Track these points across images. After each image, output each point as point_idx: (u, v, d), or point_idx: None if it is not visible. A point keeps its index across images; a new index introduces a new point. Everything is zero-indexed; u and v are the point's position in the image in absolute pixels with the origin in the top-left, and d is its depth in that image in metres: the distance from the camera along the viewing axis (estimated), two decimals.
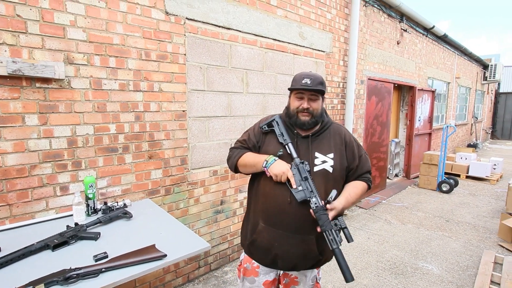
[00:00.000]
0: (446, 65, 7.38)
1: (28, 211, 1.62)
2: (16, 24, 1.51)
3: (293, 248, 1.28)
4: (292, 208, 1.24)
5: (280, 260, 1.30)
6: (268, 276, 1.39)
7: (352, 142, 1.36)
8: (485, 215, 4.13)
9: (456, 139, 9.10)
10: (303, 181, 1.21)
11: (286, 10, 2.92)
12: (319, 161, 1.28)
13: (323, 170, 1.27)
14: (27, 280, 1.01)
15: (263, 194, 1.32)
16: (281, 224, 1.27)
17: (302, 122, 1.28)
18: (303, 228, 1.26)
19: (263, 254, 1.34)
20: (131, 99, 1.95)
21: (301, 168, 1.22)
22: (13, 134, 1.55)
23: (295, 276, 1.39)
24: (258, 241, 1.33)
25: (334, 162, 1.29)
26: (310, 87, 1.23)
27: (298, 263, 1.30)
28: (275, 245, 1.29)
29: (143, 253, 1.21)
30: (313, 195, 1.19)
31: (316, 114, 1.28)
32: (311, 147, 1.29)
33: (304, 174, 1.21)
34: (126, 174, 1.98)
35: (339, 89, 3.81)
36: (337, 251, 1.13)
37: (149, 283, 2.16)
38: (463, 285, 2.50)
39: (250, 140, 1.40)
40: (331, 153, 1.30)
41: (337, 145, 1.32)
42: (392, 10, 4.66)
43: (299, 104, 1.28)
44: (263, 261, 1.36)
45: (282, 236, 1.28)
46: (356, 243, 3.21)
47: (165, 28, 2.07)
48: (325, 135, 1.34)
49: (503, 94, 14.11)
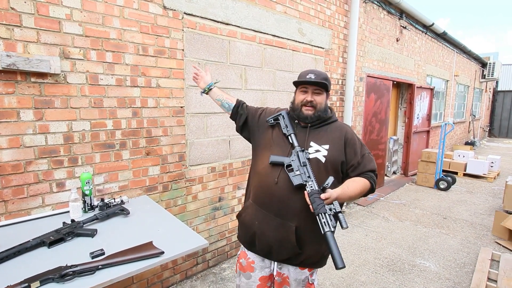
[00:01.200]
0: (445, 63, 7.37)
1: (24, 207, 1.60)
2: (10, 17, 1.48)
3: (270, 230, 1.30)
4: (278, 189, 1.28)
5: (257, 240, 1.35)
6: (264, 271, 1.41)
7: (355, 140, 1.36)
8: (482, 212, 4.15)
9: (454, 137, 9.13)
10: (301, 166, 1.25)
11: (286, 6, 2.89)
12: (312, 150, 1.31)
13: (314, 159, 1.30)
14: (23, 277, 1.00)
15: (256, 172, 1.41)
16: (265, 204, 1.32)
17: (305, 116, 1.33)
18: (285, 213, 1.28)
19: (245, 230, 1.41)
20: (128, 95, 1.93)
21: (301, 155, 1.27)
22: (8, 130, 1.52)
23: (287, 276, 1.39)
24: (243, 216, 1.42)
25: (328, 153, 1.30)
26: (314, 80, 1.29)
27: (273, 247, 1.31)
28: (255, 224, 1.34)
29: (140, 250, 1.20)
30: (309, 180, 1.21)
31: (319, 108, 1.33)
32: (308, 136, 1.34)
33: (302, 160, 1.26)
34: (123, 170, 1.96)
35: (338, 86, 3.79)
36: (329, 234, 1.09)
37: (147, 280, 2.16)
38: (460, 282, 2.52)
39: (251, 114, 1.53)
40: (326, 145, 1.32)
41: (335, 139, 1.34)
42: (391, 7, 4.64)
43: (303, 98, 1.33)
44: (243, 238, 1.43)
45: (263, 216, 1.32)
46: (354, 240, 3.21)
47: (162, 22, 2.04)
48: (325, 128, 1.37)
49: (501, 92, 14.16)
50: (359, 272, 2.63)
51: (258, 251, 1.38)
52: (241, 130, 1.57)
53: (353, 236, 3.32)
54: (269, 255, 1.36)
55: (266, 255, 1.37)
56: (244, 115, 1.53)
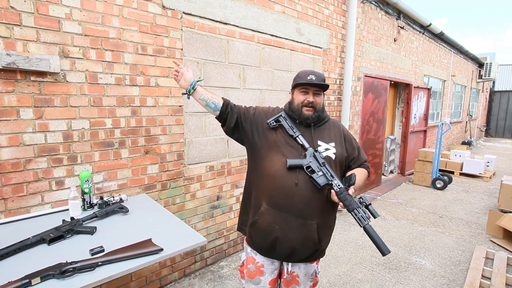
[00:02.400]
0: (442, 63, 7.42)
1: (23, 205, 1.62)
2: (10, 16, 1.48)
3: (293, 232, 1.29)
4: (299, 190, 1.27)
5: (279, 244, 1.31)
6: (273, 274, 1.40)
7: (350, 135, 1.46)
8: (477, 211, 4.19)
9: (451, 137, 9.19)
10: (321, 166, 1.27)
11: (284, 6, 2.91)
12: (322, 148, 1.34)
13: (327, 157, 1.33)
14: (23, 273, 1.01)
15: (268, 175, 1.32)
16: (285, 206, 1.29)
17: (306, 117, 1.35)
18: (307, 213, 1.29)
19: (263, 237, 1.33)
20: (128, 94, 1.94)
21: (317, 156, 1.29)
22: (7, 128, 1.53)
23: (297, 274, 1.39)
24: (259, 222, 1.33)
25: (336, 150, 1.36)
26: (316, 82, 1.31)
27: (296, 248, 1.31)
28: (276, 228, 1.30)
29: (139, 247, 1.21)
30: (333, 179, 1.24)
31: (319, 108, 1.36)
32: (314, 136, 1.36)
33: (321, 160, 1.28)
34: (122, 169, 1.98)
35: (335, 86, 3.82)
36: (368, 227, 1.18)
37: (145, 278, 2.17)
38: (455, 279, 2.55)
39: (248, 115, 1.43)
40: (332, 142, 1.38)
41: (337, 136, 1.41)
42: (389, 7, 4.66)
43: (304, 98, 1.34)
44: (261, 245, 1.36)
45: (284, 219, 1.29)
46: (351, 239, 3.24)
47: (161, 22, 2.05)
48: (326, 126, 1.42)
49: (497, 93, 14.24)
50: (356, 270, 2.66)
51: (277, 255, 1.35)
52: (232, 132, 1.45)
53: (350, 234, 3.35)
54: (290, 258, 1.34)
55: (286, 258, 1.36)
56: (235, 115, 1.42)
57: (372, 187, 5.05)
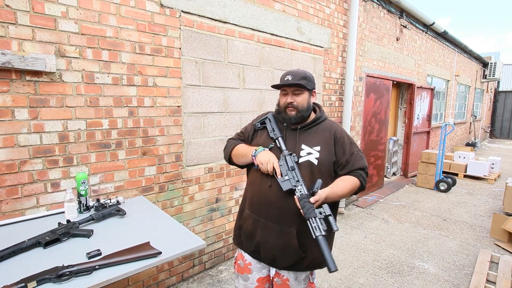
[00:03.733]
0: (446, 63, 7.35)
1: (18, 208, 1.59)
2: (5, 15, 1.46)
3: (272, 238, 1.29)
4: (273, 196, 1.28)
5: (262, 249, 1.34)
6: (261, 273, 1.41)
7: (344, 139, 1.35)
8: (482, 214, 4.13)
9: (455, 138, 9.10)
10: (289, 170, 1.24)
11: (284, 4, 2.87)
12: (304, 152, 1.31)
13: (307, 162, 1.29)
14: (19, 277, 0.99)
15: (250, 181, 1.42)
16: (263, 212, 1.32)
17: (289, 117, 1.33)
18: (283, 219, 1.27)
19: (248, 240, 1.38)
20: (125, 94, 1.91)
21: (289, 159, 1.26)
22: (2, 129, 1.50)
23: (287, 278, 1.37)
24: (244, 226, 1.40)
25: (320, 155, 1.30)
26: (291, 82, 1.29)
27: (277, 255, 1.30)
28: (257, 232, 1.33)
29: (137, 250, 1.19)
30: (299, 184, 1.21)
31: (301, 108, 1.32)
32: (299, 139, 1.34)
33: (291, 164, 1.25)
34: (119, 170, 1.94)
35: (337, 86, 3.77)
36: (320, 238, 1.09)
37: (143, 282, 2.14)
38: (459, 284, 2.50)
39: (246, 132, 1.50)
40: (317, 146, 1.32)
41: (325, 140, 1.33)
42: (391, 6, 4.61)
43: (284, 100, 1.34)
44: (248, 248, 1.39)
45: (263, 224, 1.32)
46: (353, 242, 3.19)
47: (160, 21, 2.02)
48: (315, 129, 1.36)
49: (502, 93, 14.11)
50: (358, 274, 2.61)
51: (262, 259, 1.37)
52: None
53: (352, 238, 3.30)
54: (274, 263, 1.34)
55: (270, 263, 1.36)
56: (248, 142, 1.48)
57: (374, 189, 5.00)
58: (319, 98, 3.51)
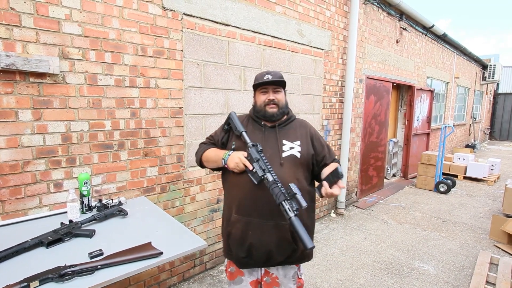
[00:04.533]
0: (445, 65, 7.37)
1: (21, 208, 1.60)
2: (10, 17, 1.48)
3: (266, 235, 1.30)
4: (262, 193, 1.27)
5: (255, 250, 1.32)
6: (252, 275, 1.44)
7: (317, 134, 1.47)
8: (482, 216, 4.14)
9: (454, 140, 9.12)
10: (255, 162, 1.25)
11: (285, 7, 2.90)
12: (287, 147, 1.35)
13: (291, 156, 1.34)
14: (22, 277, 1.00)
15: (232, 184, 1.40)
16: (254, 211, 1.31)
17: (271, 114, 1.36)
18: (276, 213, 1.27)
19: (238, 245, 1.36)
20: (127, 95, 1.93)
21: (252, 151, 1.28)
22: (6, 130, 1.52)
23: (276, 276, 1.39)
24: (233, 232, 1.37)
25: (301, 148, 1.36)
26: (272, 80, 1.34)
27: (273, 250, 1.31)
28: (249, 234, 1.32)
29: (139, 250, 1.20)
30: (266, 172, 1.22)
31: (281, 105, 1.38)
32: (279, 135, 1.37)
33: (255, 155, 1.26)
34: (121, 171, 1.96)
35: (337, 88, 3.79)
36: (293, 219, 1.11)
37: (144, 282, 2.15)
38: (459, 285, 2.50)
39: (216, 135, 1.52)
40: (297, 141, 1.38)
41: (303, 135, 1.41)
42: (391, 8, 4.64)
43: (265, 98, 1.37)
44: (239, 254, 1.37)
45: (255, 224, 1.31)
46: (353, 243, 3.20)
47: (162, 23, 2.04)
48: (291, 126, 1.43)
49: (501, 95, 14.14)
50: (358, 275, 2.62)
51: (254, 262, 1.36)
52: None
53: (352, 239, 3.31)
54: (268, 262, 1.35)
55: (264, 263, 1.36)
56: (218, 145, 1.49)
57: (374, 190, 5.01)
58: (319, 100, 3.53)
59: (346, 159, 3.96)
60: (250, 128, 1.40)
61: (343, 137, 3.92)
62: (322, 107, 3.58)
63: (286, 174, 1.29)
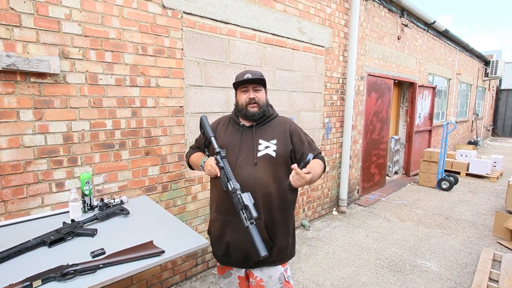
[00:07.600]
0: (447, 61, 7.33)
1: (23, 207, 1.61)
2: (10, 17, 1.48)
3: (242, 234, 1.29)
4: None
5: (232, 249, 1.36)
6: (240, 272, 1.48)
7: (298, 130, 1.47)
8: (484, 212, 4.12)
9: (457, 136, 9.07)
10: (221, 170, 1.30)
11: (285, 4, 2.88)
12: (262, 147, 1.37)
13: (266, 155, 1.36)
14: (24, 276, 1.00)
15: (213, 184, 1.48)
16: (230, 211, 1.33)
17: (252, 113, 1.39)
18: None
19: (217, 243, 1.43)
20: (128, 95, 1.93)
21: (218, 159, 1.32)
22: (7, 130, 1.53)
23: (260, 279, 1.40)
24: (212, 230, 1.46)
25: (277, 147, 1.38)
26: (252, 78, 1.36)
27: (249, 250, 1.32)
28: (227, 232, 1.38)
29: (141, 249, 1.20)
30: (226, 181, 1.26)
31: (262, 104, 1.40)
32: (255, 135, 1.40)
33: (219, 163, 1.30)
34: (122, 170, 1.96)
35: (338, 85, 3.78)
36: (250, 227, 1.14)
37: (146, 281, 2.16)
38: (462, 282, 2.50)
39: (200, 139, 1.58)
40: (274, 140, 1.40)
41: (280, 133, 1.42)
42: (392, 5, 4.61)
43: (246, 97, 1.39)
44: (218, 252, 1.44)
45: (231, 222, 1.36)
46: (355, 241, 3.20)
47: (162, 22, 2.04)
48: (270, 125, 1.45)
49: (504, 91, 14.04)
50: (360, 272, 2.62)
51: (233, 261, 1.41)
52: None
53: (354, 236, 3.31)
54: (246, 262, 1.37)
55: (242, 264, 1.40)
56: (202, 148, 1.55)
57: (376, 188, 5.00)
58: (321, 97, 3.52)
59: (347, 157, 3.95)
60: (229, 130, 1.45)
61: (345, 134, 3.91)
62: (323, 105, 3.57)
63: (261, 173, 1.33)
